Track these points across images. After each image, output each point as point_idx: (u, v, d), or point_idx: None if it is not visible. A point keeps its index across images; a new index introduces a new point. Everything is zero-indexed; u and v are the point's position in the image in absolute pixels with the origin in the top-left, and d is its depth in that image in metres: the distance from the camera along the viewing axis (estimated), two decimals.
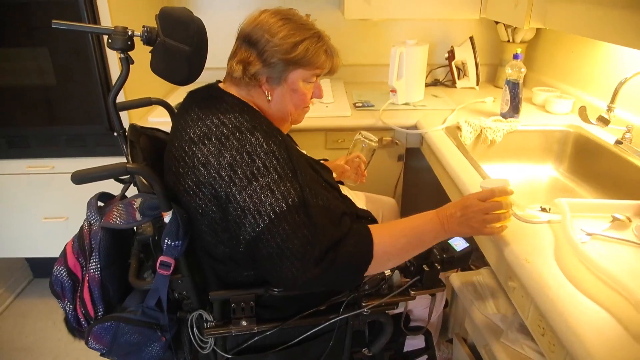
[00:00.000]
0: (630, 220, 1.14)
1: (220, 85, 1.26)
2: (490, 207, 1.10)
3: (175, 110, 1.47)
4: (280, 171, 1.06)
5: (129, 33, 1.20)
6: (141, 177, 1.17)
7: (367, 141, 1.66)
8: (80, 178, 1.02)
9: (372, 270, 1.10)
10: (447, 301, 1.73)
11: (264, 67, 1.17)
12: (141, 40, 1.21)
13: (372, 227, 1.12)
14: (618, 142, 1.59)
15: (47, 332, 2.26)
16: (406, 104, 2.13)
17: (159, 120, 1.97)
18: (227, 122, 1.10)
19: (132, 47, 1.21)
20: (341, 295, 1.25)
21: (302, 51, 1.17)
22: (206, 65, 1.29)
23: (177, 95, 2.31)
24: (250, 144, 1.07)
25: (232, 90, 1.23)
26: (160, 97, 1.48)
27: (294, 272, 1.02)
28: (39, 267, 2.67)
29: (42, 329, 2.29)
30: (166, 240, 1.11)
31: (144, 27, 1.21)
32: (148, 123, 2.00)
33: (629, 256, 1.02)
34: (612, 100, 1.43)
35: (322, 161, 1.55)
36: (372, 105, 2.12)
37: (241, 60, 1.18)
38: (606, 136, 1.66)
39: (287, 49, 1.15)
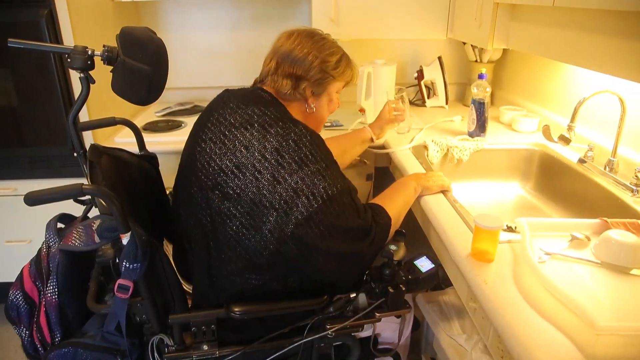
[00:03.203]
0: (588, 239, 1.15)
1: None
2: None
3: (141, 130, 1.46)
4: (327, 160, 1.18)
5: (89, 52, 1.19)
6: (100, 199, 1.15)
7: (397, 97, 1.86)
8: (33, 199, 0.99)
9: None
10: (418, 322, 1.72)
11: (311, 82, 1.29)
12: (101, 59, 1.20)
13: (376, 202, 1.34)
14: (581, 161, 1.62)
15: None
16: None
17: (126, 140, 1.94)
18: (268, 113, 1.19)
19: (92, 67, 1.20)
20: (306, 318, 1.23)
21: (342, 67, 1.35)
22: (179, 85, 1.29)
23: (145, 115, 2.30)
24: (295, 133, 1.16)
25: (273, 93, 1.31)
26: (128, 117, 1.46)
27: (345, 247, 1.16)
28: (2, 292, 2.59)
29: (1, 358, 2.21)
30: (124, 263, 1.09)
31: (104, 46, 1.20)
32: (114, 144, 1.97)
33: (587, 276, 1.03)
34: (572, 120, 1.45)
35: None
36: (341, 125, 2.13)
37: (288, 75, 1.28)
38: (570, 154, 1.69)
39: (332, 65, 1.31)
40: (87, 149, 1.30)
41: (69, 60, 1.18)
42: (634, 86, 1.46)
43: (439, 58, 2.37)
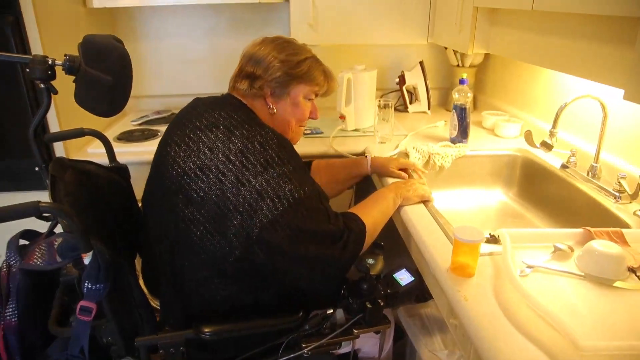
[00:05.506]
0: (572, 250, 1.11)
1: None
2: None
3: (115, 140, 1.41)
4: (294, 164, 1.15)
5: (49, 62, 1.13)
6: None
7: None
8: None
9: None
10: (403, 334, 1.68)
11: (269, 81, 1.26)
12: (63, 69, 1.15)
13: (352, 212, 1.29)
14: (564, 166, 1.59)
15: None
16: (356, 130, 2.10)
17: (98, 151, 1.87)
18: (235, 116, 1.17)
19: (52, 77, 1.14)
20: (281, 336, 1.18)
21: (305, 68, 1.29)
22: (156, 93, 1.23)
23: (121, 124, 2.23)
24: (261, 135, 1.14)
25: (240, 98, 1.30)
26: (103, 126, 1.40)
27: (314, 251, 1.11)
28: None
29: None
30: (86, 284, 1.03)
31: (65, 55, 1.14)
32: (87, 155, 1.91)
33: (570, 289, 0.99)
34: (554, 125, 1.42)
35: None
36: (322, 132, 2.08)
37: (247, 74, 1.27)
38: (553, 160, 1.66)
39: (291, 65, 1.27)
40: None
41: (28, 70, 1.12)
42: (615, 91, 1.43)
43: (421, 63, 2.34)
